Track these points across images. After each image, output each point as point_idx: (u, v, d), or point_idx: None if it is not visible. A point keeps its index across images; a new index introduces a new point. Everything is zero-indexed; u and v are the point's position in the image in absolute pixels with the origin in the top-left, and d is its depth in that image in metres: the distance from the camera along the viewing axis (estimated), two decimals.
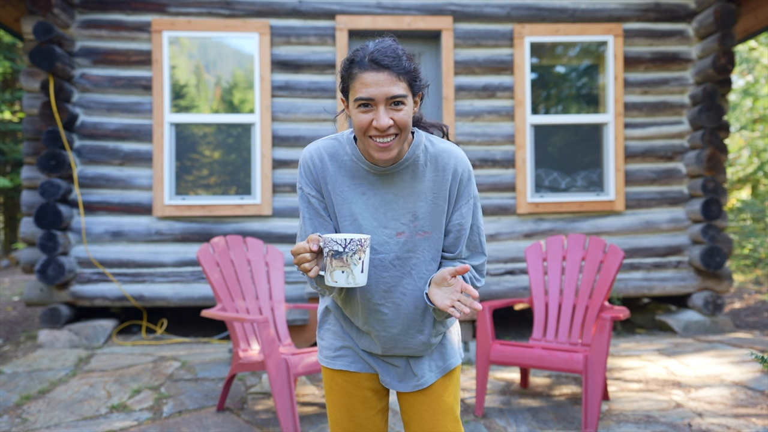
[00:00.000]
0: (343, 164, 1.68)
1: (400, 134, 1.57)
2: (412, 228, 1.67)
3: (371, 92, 1.53)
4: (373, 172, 1.66)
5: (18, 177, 12.08)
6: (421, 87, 1.63)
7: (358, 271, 1.51)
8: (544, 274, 4.00)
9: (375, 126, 1.54)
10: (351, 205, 1.66)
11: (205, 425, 3.43)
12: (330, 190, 1.68)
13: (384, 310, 1.69)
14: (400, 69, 1.55)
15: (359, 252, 1.50)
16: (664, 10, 5.94)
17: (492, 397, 3.87)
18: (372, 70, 1.53)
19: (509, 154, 5.82)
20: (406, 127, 1.57)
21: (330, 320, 1.82)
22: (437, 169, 1.67)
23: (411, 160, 1.66)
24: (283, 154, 5.68)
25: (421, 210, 1.67)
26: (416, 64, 1.62)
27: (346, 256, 1.49)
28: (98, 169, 5.58)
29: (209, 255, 3.76)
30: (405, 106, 1.56)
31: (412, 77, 1.58)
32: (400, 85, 1.54)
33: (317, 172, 1.68)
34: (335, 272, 1.50)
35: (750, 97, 13.05)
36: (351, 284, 1.51)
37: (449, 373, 1.79)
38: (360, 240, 1.50)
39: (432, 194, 1.67)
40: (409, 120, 1.57)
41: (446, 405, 1.76)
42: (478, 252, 1.75)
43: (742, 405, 3.64)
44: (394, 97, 1.53)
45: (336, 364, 1.78)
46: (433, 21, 5.76)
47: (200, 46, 5.84)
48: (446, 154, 1.69)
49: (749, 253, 9.61)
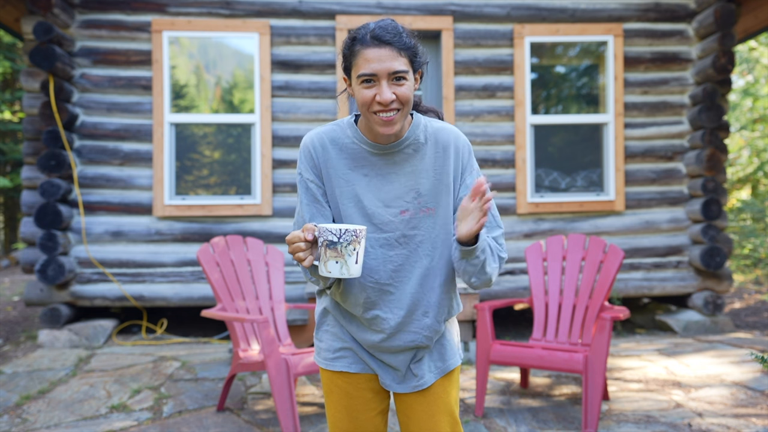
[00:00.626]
0: (345, 147, 1.70)
1: (403, 109, 1.60)
2: (415, 205, 1.68)
3: (374, 68, 1.56)
4: (375, 152, 1.69)
5: (18, 177, 12.08)
6: (422, 63, 1.66)
7: (353, 262, 1.50)
8: (544, 274, 4.00)
9: (378, 101, 1.57)
10: (354, 187, 1.68)
11: (205, 425, 3.43)
12: (332, 174, 1.70)
13: (391, 290, 1.69)
14: (401, 45, 1.58)
15: (354, 243, 1.49)
16: (664, 10, 5.94)
17: (492, 397, 3.87)
18: (374, 47, 1.57)
19: (509, 154, 5.82)
20: (408, 101, 1.60)
21: (329, 321, 1.80)
22: (437, 146, 1.70)
23: (412, 139, 1.69)
24: (283, 154, 5.68)
25: (423, 187, 1.69)
26: (416, 40, 1.65)
27: (340, 247, 1.48)
28: (98, 169, 5.59)
29: (209, 255, 3.76)
30: (407, 81, 1.59)
31: (412, 53, 1.62)
32: (402, 61, 1.58)
33: (318, 158, 1.71)
34: (329, 262, 1.49)
35: (750, 97, 13.05)
36: (345, 275, 1.50)
37: (449, 373, 1.78)
38: (355, 231, 1.49)
39: (434, 171, 1.69)
40: (410, 95, 1.60)
41: (445, 405, 1.75)
42: (494, 225, 1.73)
43: (742, 405, 3.64)
44: (396, 72, 1.57)
45: (336, 365, 1.77)
46: (433, 21, 5.76)
47: (200, 46, 5.84)
48: (445, 132, 1.72)
49: (749, 253, 9.62)
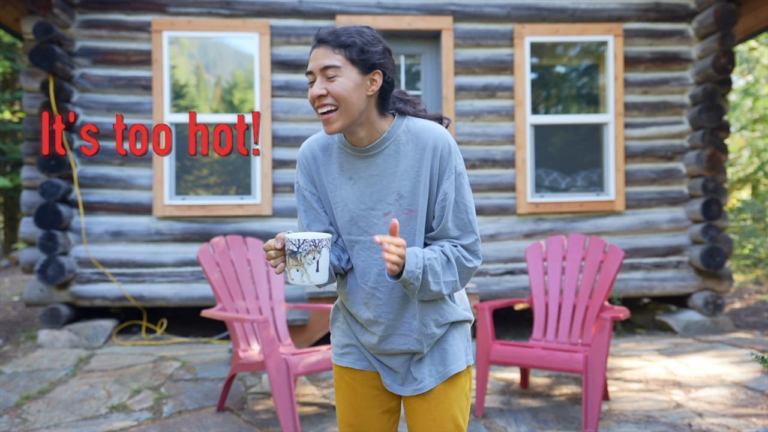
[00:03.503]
0: (333, 153, 1.75)
1: (340, 106, 1.61)
2: (397, 207, 1.69)
3: (310, 66, 1.63)
4: (356, 155, 1.71)
5: (18, 177, 12.07)
6: (372, 61, 1.63)
7: (313, 270, 1.56)
8: (544, 274, 4.00)
9: (310, 96, 1.63)
10: (341, 192, 1.73)
11: (205, 425, 3.43)
12: (324, 180, 1.75)
13: (378, 294, 1.71)
14: (337, 43, 1.61)
15: (313, 252, 1.55)
16: (664, 10, 5.94)
17: (492, 397, 3.87)
18: (315, 47, 1.64)
19: (509, 154, 5.82)
20: (341, 98, 1.60)
21: (339, 318, 1.86)
22: (417, 147, 1.68)
23: (392, 140, 1.69)
24: (283, 154, 5.68)
25: (405, 188, 1.68)
26: (368, 40, 1.63)
27: (299, 256, 1.55)
28: (98, 169, 5.59)
29: (209, 255, 3.76)
30: (339, 77, 1.60)
31: (355, 51, 1.61)
32: (335, 57, 1.60)
33: (310, 167, 1.77)
34: (291, 270, 1.57)
35: (750, 97, 13.05)
36: (306, 283, 1.57)
37: (451, 379, 1.75)
38: (314, 241, 1.55)
39: (414, 172, 1.68)
40: (344, 91, 1.59)
41: (447, 412, 1.73)
42: (468, 231, 1.70)
43: (742, 405, 3.64)
44: (326, 67, 1.60)
45: (342, 361, 1.82)
46: (433, 21, 5.76)
47: (200, 46, 5.84)
48: (425, 132, 1.69)
49: (749, 253, 9.61)
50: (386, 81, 1.67)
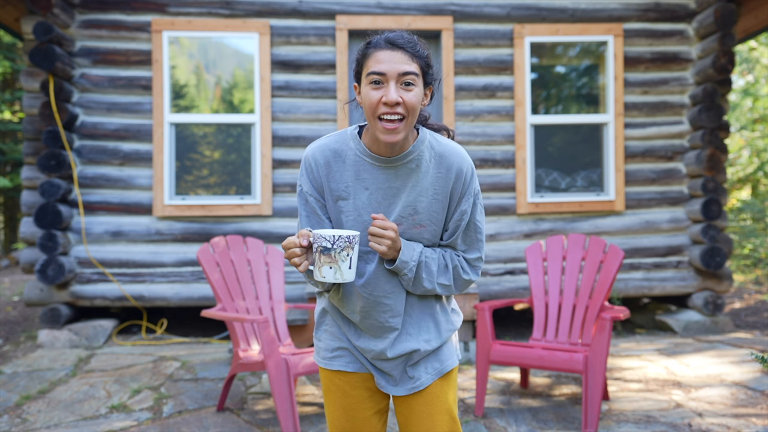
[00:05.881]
0: (347, 159, 1.69)
1: (407, 117, 1.58)
2: (410, 221, 1.69)
3: (383, 67, 1.56)
4: (377, 164, 1.68)
5: (18, 177, 12.07)
6: (433, 78, 1.66)
7: (346, 267, 1.54)
8: (544, 274, 4.00)
9: (384, 101, 1.55)
10: (355, 201, 1.69)
11: (205, 425, 3.43)
12: (333, 187, 1.70)
13: (386, 301, 1.71)
14: (415, 51, 1.58)
15: (347, 249, 1.53)
16: (664, 10, 5.94)
17: (492, 397, 3.87)
18: (387, 49, 1.57)
19: (509, 154, 5.82)
20: (414, 110, 1.58)
21: (327, 321, 1.83)
22: (440, 167, 1.69)
23: (415, 155, 1.68)
24: (283, 154, 5.68)
25: (421, 205, 1.69)
26: (429, 53, 1.64)
27: (334, 253, 1.52)
28: (98, 169, 5.59)
29: (209, 255, 3.76)
30: (415, 87, 1.58)
31: (425, 63, 1.61)
32: (413, 65, 1.57)
33: (319, 172, 1.70)
34: (323, 268, 1.53)
35: (750, 97, 13.04)
36: (339, 280, 1.54)
37: (446, 374, 1.79)
38: (348, 237, 1.52)
39: (433, 190, 1.69)
40: (417, 103, 1.58)
41: (443, 406, 1.76)
42: (475, 248, 1.76)
43: (742, 405, 3.64)
44: (406, 73, 1.56)
45: (333, 364, 1.79)
46: (433, 21, 5.76)
47: (200, 46, 5.84)
48: (451, 154, 1.70)
49: (749, 253, 9.61)
50: (431, 97, 1.68)
